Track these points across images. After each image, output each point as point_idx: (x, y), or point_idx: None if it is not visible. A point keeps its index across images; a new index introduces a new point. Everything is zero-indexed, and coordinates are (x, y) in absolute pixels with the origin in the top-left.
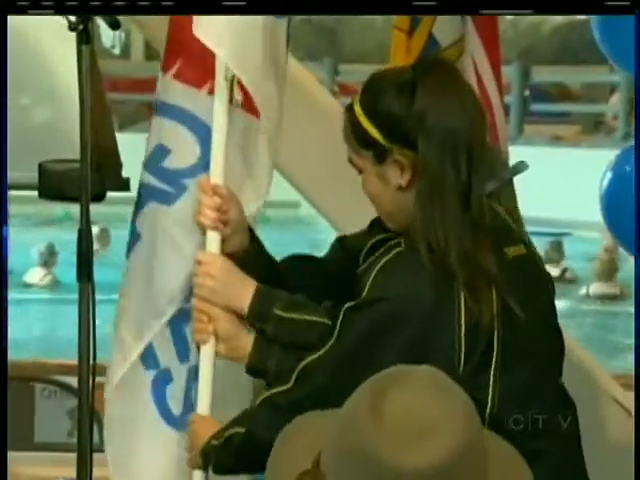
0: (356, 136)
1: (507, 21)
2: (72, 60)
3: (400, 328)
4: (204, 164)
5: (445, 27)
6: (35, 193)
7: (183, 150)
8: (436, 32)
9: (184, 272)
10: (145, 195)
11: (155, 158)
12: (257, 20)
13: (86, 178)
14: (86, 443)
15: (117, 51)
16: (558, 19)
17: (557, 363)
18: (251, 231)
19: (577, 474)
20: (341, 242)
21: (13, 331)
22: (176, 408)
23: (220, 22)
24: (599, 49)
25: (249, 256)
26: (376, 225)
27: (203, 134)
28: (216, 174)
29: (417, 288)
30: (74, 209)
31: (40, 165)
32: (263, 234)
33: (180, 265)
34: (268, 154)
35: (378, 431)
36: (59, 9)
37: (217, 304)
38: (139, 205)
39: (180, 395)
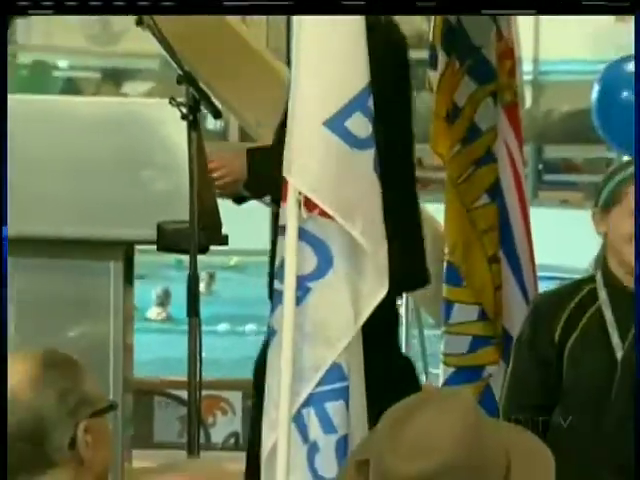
0: None
1: (524, 111)
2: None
3: None
4: (320, 270)
5: (484, 115)
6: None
7: (304, 260)
8: (477, 120)
9: (314, 360)
10: (277, 299)
11: (282, 267)
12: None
13: (194, 235)
14: (194, 442)
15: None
16: (565, 108)
17: None
18: None
19: None
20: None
21: (138, 355)
22: (328, 471)
23: (315, 173)
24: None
25: None
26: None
27: (318, 246)
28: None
29: None
30: (185, 259)
31: (158, 225)
32: None
33: (310, 354)
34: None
35: (390, 448)
36: (59, 9)
37: None
38: (273, 308)
39: (332, 457)
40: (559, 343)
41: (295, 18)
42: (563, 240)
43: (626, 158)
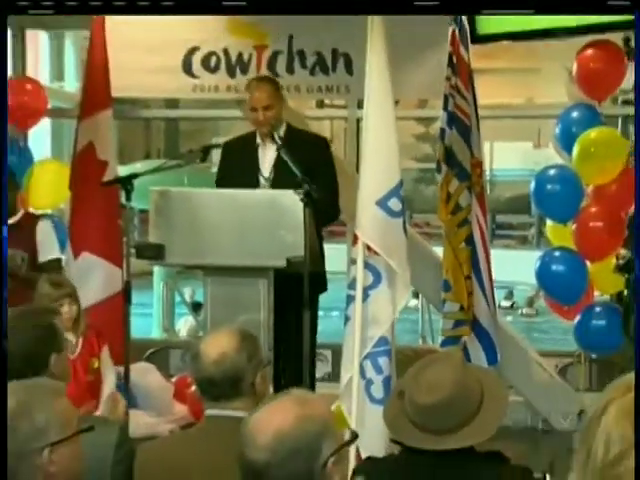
0: None
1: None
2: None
3: None
4: (375, 283)
5: (464, 199)
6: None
7: (366, 278)
8: (460, 201)
9: (371, 333)
10: (350, 300)
11: (353, 281)
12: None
13: (306, 264)
14: (307, 378)
15: None
16: (507, 195)
17: None
18: None
19: None
20: None
21: None
22: (378, 394)
23: (371, 231)
24: (527, 205)
25: None
26: None
27: (373, 271)
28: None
29: None
30: None
31: (287, 259)
32: None
33: (369, 330)
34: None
35: (415, 386)
36: (59, 9)
37: None
38: (347, 304)
39: (380, 388)
40: None
41: (362, 142)
42: (506, 266)
43: (549, 222)
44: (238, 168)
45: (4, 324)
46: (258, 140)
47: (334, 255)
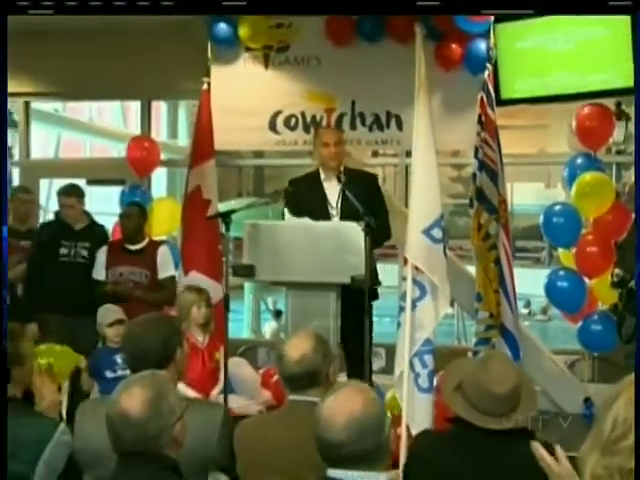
0: None
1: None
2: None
3: None
4: (421, 296)
5: (492, 228)
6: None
7: (414, 292)
8: (489, 230)
9: (418, 336)
10: (401, 309)
11: (404, 294)
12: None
13: (366, 280)
14: (367, 371)
15: None
16: (522, 225)
17: None
18: None
19: None
20: None
21: None
22: (424, 384)
23: (417, 254)
24: (540, 233)
25: None
26: None
27: (420, 285)
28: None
29: None
30: None
31: (351, 276)
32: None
33: (416, 334)
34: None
35: (484, 376)
36: (59, 9)
37: None
38: (399, 312)
39: (426, 379)
40: None
41: (410, 183)
42: (524, 281)
43: (561, 250)
44: (306, 199)
45: (4, 324)
46: (322, 176)
47: (389, 273)
